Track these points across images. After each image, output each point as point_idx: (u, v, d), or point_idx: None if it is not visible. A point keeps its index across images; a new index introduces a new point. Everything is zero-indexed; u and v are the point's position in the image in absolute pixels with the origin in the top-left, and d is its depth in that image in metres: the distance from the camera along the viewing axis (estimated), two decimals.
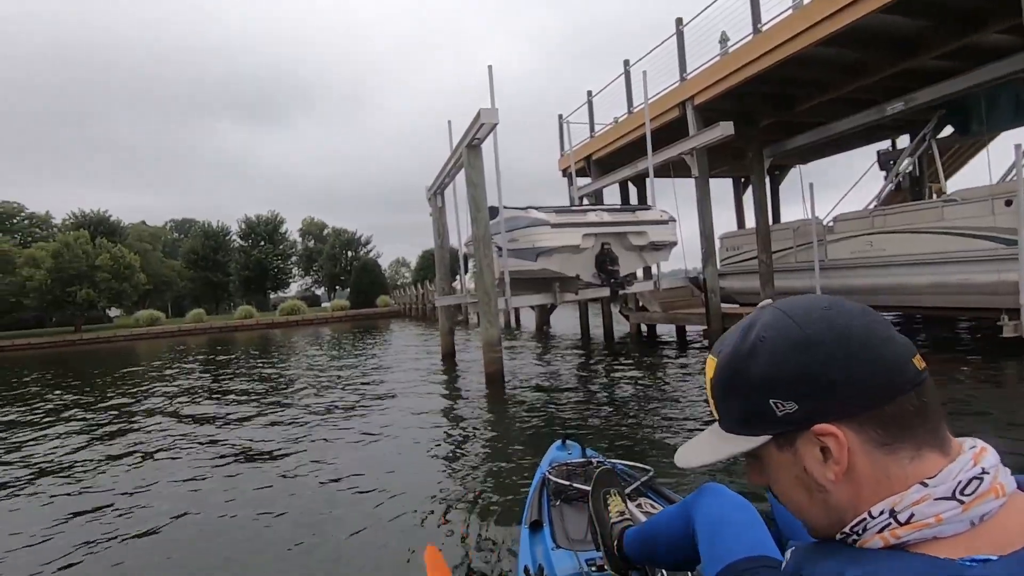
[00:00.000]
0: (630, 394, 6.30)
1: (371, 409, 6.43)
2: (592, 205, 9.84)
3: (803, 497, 0.53)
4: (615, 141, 10.77)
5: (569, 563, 1.57)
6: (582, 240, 7.18)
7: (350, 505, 3.40)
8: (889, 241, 7.63)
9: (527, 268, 7.55)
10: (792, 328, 0.52)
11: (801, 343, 0.51)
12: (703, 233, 8.60)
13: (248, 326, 34.21)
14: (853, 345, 0.49)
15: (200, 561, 2.79)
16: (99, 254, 36.06)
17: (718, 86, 8.06)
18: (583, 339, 12.35)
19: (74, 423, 6.96)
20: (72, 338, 32.08)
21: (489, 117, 6.57)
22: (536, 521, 1.82)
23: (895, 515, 0.47)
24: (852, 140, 11.05)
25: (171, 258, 54.37)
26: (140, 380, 11.63)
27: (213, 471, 4.34)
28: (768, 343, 0.53)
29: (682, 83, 8.72)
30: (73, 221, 47.92)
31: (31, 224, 53.07)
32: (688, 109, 8.54)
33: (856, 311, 0.52)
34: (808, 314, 0.52)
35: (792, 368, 0.51)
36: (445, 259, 10.67)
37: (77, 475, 4.53)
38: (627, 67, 10.33)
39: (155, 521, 3.35)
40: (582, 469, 2.11)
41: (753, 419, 0.54)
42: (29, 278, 34.26)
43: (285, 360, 13.77)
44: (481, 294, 7.31)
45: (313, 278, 60.44)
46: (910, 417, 0.48)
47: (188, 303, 49.58)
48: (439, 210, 10.40)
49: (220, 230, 53.28)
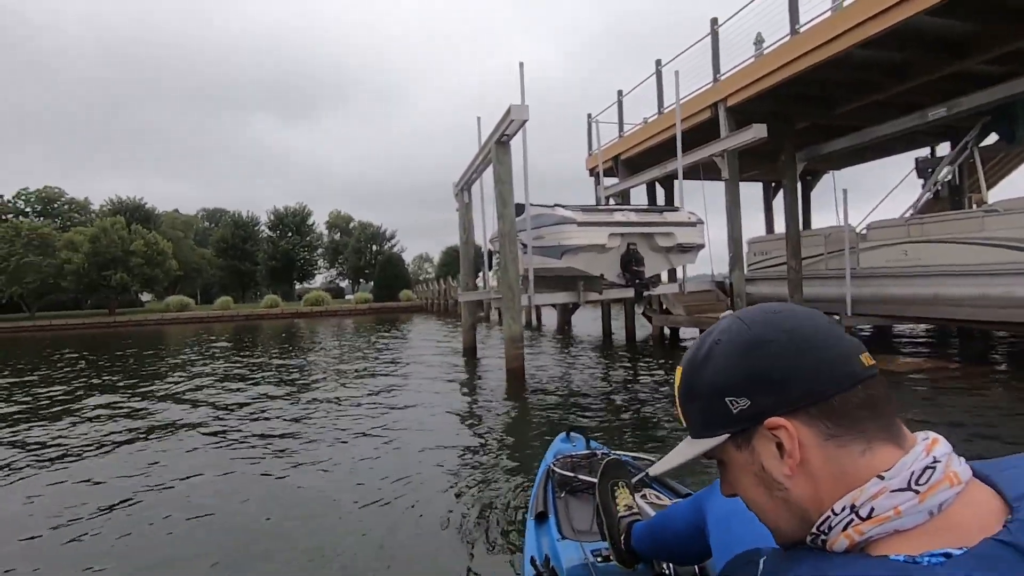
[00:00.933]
0: (649, 394, 6.24)
1: (391, 402, 6.48)
2: (619, 205, 9.75)
3: (765, 498, 0.55)
4: (644, 141, 10.67)
5: (575, 554, 1.57)
6: (608, 239, 7.13)
7: (360, 497, 3.40)
8: (926, 251, 7.41)
9: (552, 266, 7.53)
10: (743, 330, 0.55)
11: (751, 342, 0.54)
12: (731, 237, 8.47)
13: (273, 315, 34.83)
14: (799, 343, 0.52)
15: (190, 550, 2.83)
16: (133, 240, 37.13)
17: (752, 87, 7.92)
18: (604, 340, 12.29)
19: (100, 406, 7.18)
20: (106, 320, 33.10)
21: (519, 114, 6.57)
22: (542, 512, 1.83)
23: (856, 510, 0.48)
24: (890, 146, 10.76)
25: (202, 246, 55.68)
26: (169, 363, 11.95)
27: (226, 460, 4.39)
28: (721, 345, 0.56)
29: (715, 84, 8.59)
30: (110, 208, 49.44)
31: (71, 209, 54.90)
32: (720, 110, 8.41)
33: (804, 313, 0.56)
34: (757, 317, 0.56)
35: (744, 366, 0.54)
36: (470, 255, 10.71)
37: (93, 456, 4.67)
38: (659, 67, 10.22)
39: (173, 505, 3.44)
40: (587, 461, 2.13)
41: (712, 420, 0.57)
42: (67, 261, 35.45)
43: (308, 350, 13.99)
44: (505, 290, 7.32)
45: (338, 270, 61.26)
46: (858, 410, 0.50)
47: (217, 290, 50.76)
48: (465, 206, 10.45)
49: (250, 220, 54.38)
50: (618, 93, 11.67)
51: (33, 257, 34.50)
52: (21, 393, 8.35)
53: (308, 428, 5.26)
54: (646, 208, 8.27)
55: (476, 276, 11.45)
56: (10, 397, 8.01)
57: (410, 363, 10.06)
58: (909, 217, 8.53)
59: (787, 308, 0.57)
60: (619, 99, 11.71)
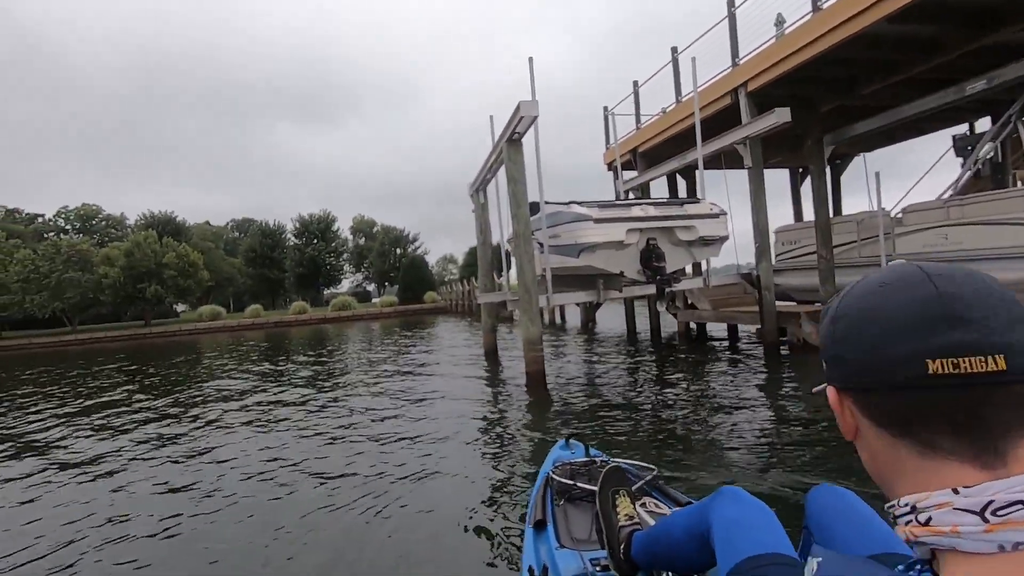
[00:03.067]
0: (672, 396, 6.02)
1: (406, 407, 6.41)
2: (638, 199, 9.48)
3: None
4: (662, 132, 10.36)
5: (573, 563, 1.55)
6: (626, 235, 6.90)
7: (359, 501, 3.39)
8: (967, 233, 6.97)
9: (570, 264, 7.34)
10: (837, 299, 0.55)
11: (831, 315, 0.54)
12: (757, 227, 8.13)
13: (302, 321, 35.40)
14: (860, 328, 0.50)
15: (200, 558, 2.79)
16: (165, 253, 38.18)
17: (774, 70, 7.57)
18: (629, 338, 12.03)
19: (137, 415, 7.29)
20: (142, 331, 34.13)
21: (529, 110, 6.39)
22: (540, 521, 1.82)
23: (916, 512, 0.47)
24: (924, 124, 10.21)
25: (232, 256, 56.96)
26: (203, 372, 12.15)
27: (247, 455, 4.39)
28: (829, 305, 0.56)
29: (734, 69, 8.26)
30: (144, 222, 50.96)
31: (108, 225, 56.89)
32: (740, 96, 8.07)
33: (907, 294, 0.49)
34: (859, 288, 0.53)
35: (823, 335, 0.55)
36: (487, 256, 10.59)
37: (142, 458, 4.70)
38: (675, 54, 9.90)
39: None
40: (586, 468, 2.12)
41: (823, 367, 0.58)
42: (105, 275, 36.67)
43: (332, 356, 14.08)
44: (522, 291, 7.16)
45: (364, 274, 61.99)
46: (911, 413, 0.47)
47: (247, 298, 51.86)
48: (481, 207, 10.33)
49: (276, 229, 55.39)
50: (634, 84, 11.38)
51: (73, 273, 35.76)
52: (81, 403, 8.58)
53: (316, 434, 5.24)
54: (666, 201, 8.00)
55: (495, 277, 11.32)
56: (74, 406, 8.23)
57: (430, 367, 10.00)
58: (948, 198, 8.04)
59: (898, 281, 0.50)
60: (635, 90, 11.41)
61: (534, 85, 6.89)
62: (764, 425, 4.52)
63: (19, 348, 30.96)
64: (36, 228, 52.39)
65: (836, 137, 8.76)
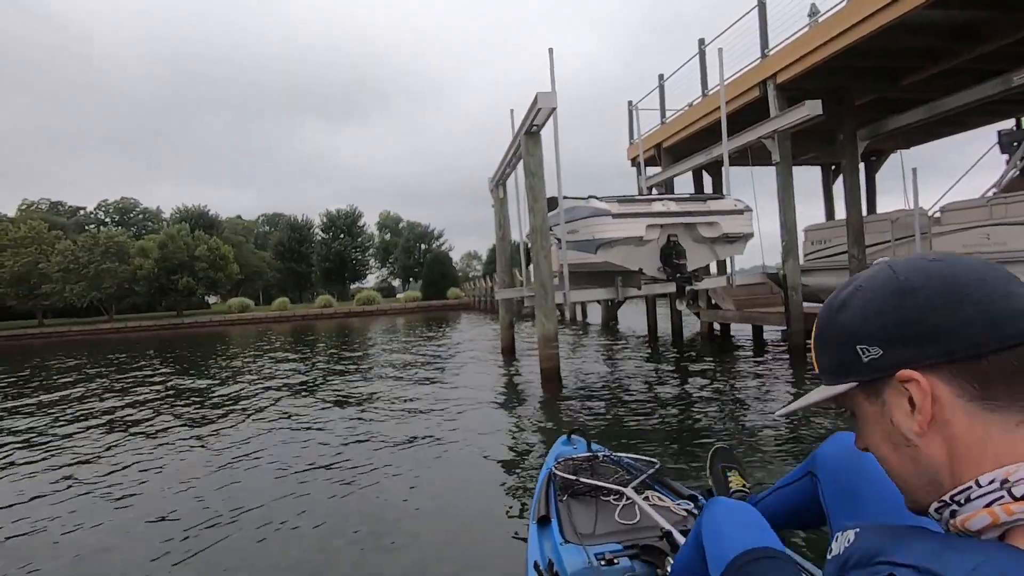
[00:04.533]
0: (687, 398, 5.82)
1: (423, 401, 6.37)
2: (659, 194, 9.24)
3: (894, 454, 0.52)
4: (688, 127, 10.08)
5: (578, 557, 1.55)
6: (646, 231, 6.70)
7: (362, 497, 3.35)
8: (1011, 234, 6.59)
9: (588, 261, 7.19)
10: (889, 278, 0.51)
11: (895, 290, 0.49)
12: (784, 225, 7.82)
13: (328, 315, 35.92)
14: (953, 292, 0.47)
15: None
16: (197, 245, 39.18)
17: (805, 61, 7.25)
18: (650, 337, 11.78)
19: (165, 402, 7.42)
20: (175, 322, 35.09)
21: (546, 101, 6.25)
22: (544, 516, 1.82)
23: (1009, 487, 0.43)
24: (967, 119, 9.69)
25: (262, 249, 58.18)
26: (232, 362, 12.37)
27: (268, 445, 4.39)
28: (863, 291, 0.52)
29: (763, 60, 7.95)
30: (178, 215, 52.44)
31: (144, 218, 58.75)
32: (769, 89, 7.77)
33: (969, 263, 0.49)
34: (910, 264, 0.51)
35: (881, 314, 0.50)
36: (506, 252, 10.48)
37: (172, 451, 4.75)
38: (702, 47, 9.61)
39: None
40: (588, 463, 2.12)
41: (840, 367, 0.54)
42: (140, 267, 37.84)
43: (354, 351, 14.19)
44: (537, 288, 7.03)
45: (389, 270, 62.66)
46: (1018, 376, 0.45)
47: (276, 291, 52.93)
48: (500, 201, 10.22)
49: (304, 224, 56.38)
50: (659, 77, 11.10)
51: (110, 264, 36.98)
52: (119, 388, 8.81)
53: (327, 430, 5.20)
54: (688, 196, 7.75)
55: (516, 273, 11.22)
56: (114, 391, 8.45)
57: (448, 363, 9.96)
58: (992, 196, 7.62)
59: (949, 256, 0.51)
60: (660, 84, 11.13)
61: (554, 76, 6.75)
62: (782, 431, 4.31)
63: (59, 336, 32.14)
64: (78, 220, 54.42)
65: (871, 132, 8.39)
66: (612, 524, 1.72)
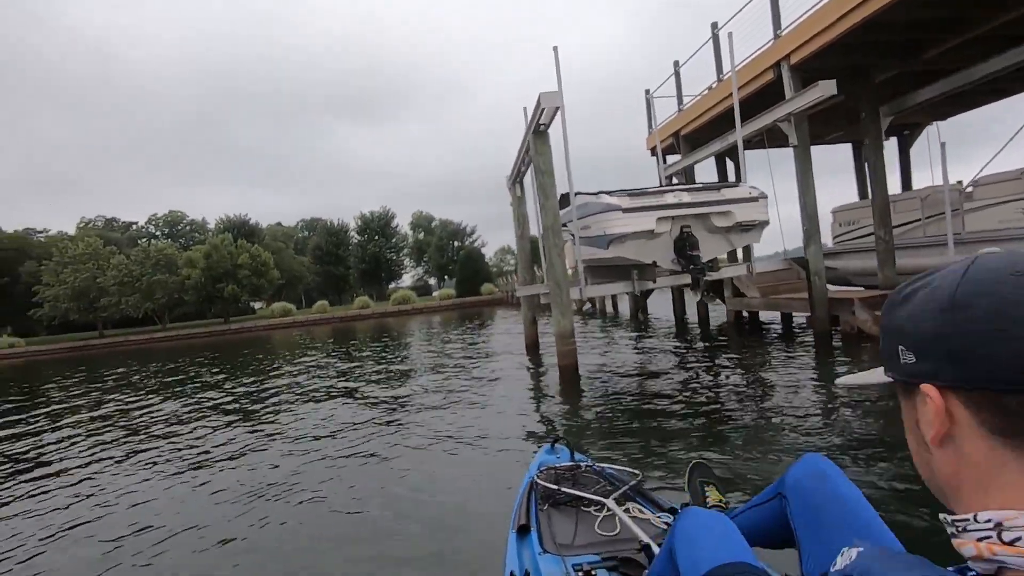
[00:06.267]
0: (707, 388, 5.78)
1: (433, 400, 6.51)
2: (672, 185, 9.11)
3: (916, 449, 0.53)
4: (704, 114, 9.89)
5: (556, 568, 1.54)
6: (657, 224, 6.65)
7: (385, 498, 3.45)
8: None
9: (600, 256, 7.19)
10: (951, 285, 0.47)
11: (946, 302, 0.47)
12: (804, 209, 7.59)
13: (365, 316, 36.80)
14: (1000, 320, 0.43)
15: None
16: (240, 254, 40.73)
17: (819, 39, 7.01)
18: (677, 327, 11.66)
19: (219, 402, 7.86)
20: (222, 328, 36.67)
21: (550, 101, 6.28)
22: (524, 526, 1.80)
23: (1000, 530, 0.43)
24: (1004, 86, 9.16)
25: (301, 254, 59.98)
26: (276, 366, 12.91)
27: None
28: (925, 291, 0.50)
29: (776, 41, 7.73)
30: (222, 225, 54.59)
31: (191, 229, 61.43)
32: (783, 70, 7.56)
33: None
34: (980, 274, 0.46)
35: (923, 322, 0.48)
36: (526, 248, 10.56)
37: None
38: (715, 31, 9.39)
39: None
40: (570, 473, 2.10)
41: (887, 358, 0.54)
42: (188, 277, 39.66)
43: (387, 352, 14.54)
44: (552, 285, 7.09)
45: (424, 268, 63.57)
46: None
47: (315, 295, 54.51)
48: (518, 199, 10.29)
49: (340, 228, 57.77)
50: (674, 64, 10.91)
51: (160, 276, 38.92)
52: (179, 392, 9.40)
53: (331, 428, 5.40)
54: (702, 186, 7.62)
55: (536, 270, 11.28)
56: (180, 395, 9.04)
57: (471, 360, 10.12)
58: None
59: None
60: (676, 71, 10.94)
61: (560, 74, 6.77)
62: (799, 419, 4.25)
63: (117, 345, 34.07)
64: (130, 235, 57.36)
65: (895, 107, 8.04)
66: (592, 535, 1.71)
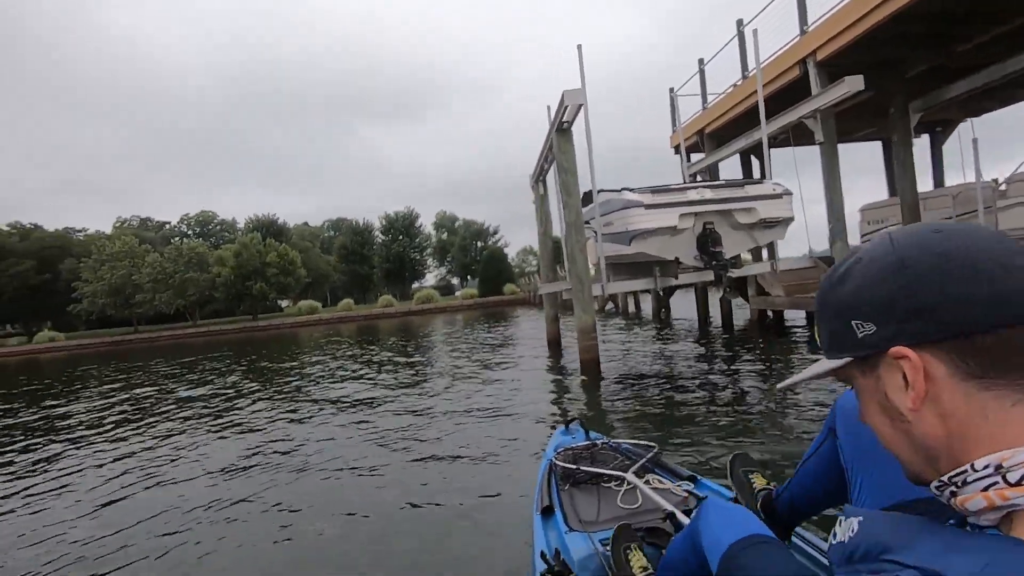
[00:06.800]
0: (723, 386, 5.79)
1: (465, 394, 6.64)
2: (696, 182, 9.10)
3: (889, 429, 0.51)
4: (729, 111, 9.85)
5: (584, 545, 1.57)
6: (679, 220, 6.67)
7: (398, 485, 3.58)
8: None
9: (623, 252, 7.24)
10: (887, 251, 0.49)
11: (891, 264, 0.47)
12: (830, 207, 7.55)
13: (389, 314, 37.29)
14: (949, 268, 0.45)
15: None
16: (268, 252, 41.67)
17: (846, 34, 6.96)
18: (700, 326, 11.60)
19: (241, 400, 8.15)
20: (251, 325, 37.57)
21: (573, 99, 6.37)
22: (547, 507, 1.83)
23: (1003, 472, 0.42)
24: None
25: (327, 253, 61.01)
26: (302, 362, 13.26)
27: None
28: (861, 265, 0.51)
29: (802, 37, 7.68)
30: (251, 225, 55.88)
31: (222, 229, 62.98)
32: (810, 66, 7.51)
33: (972, 235, 0.46)
34: (911, 237, 0.48)
35: (876, 289, 0.48)
36: (548, 246, 10.65)
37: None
38: (740, 27, 9.36)
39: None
40: (587, 452, 2.14)
41: (837, 341, 0.53)
42: (218, 275, 40.74)
43: (408, 350, 14.75)
44: (574, 281, 7.17)
45: (447, 268, 64.07)
46: (1014, 356, 0.43)
47: (341, 293, 55.39)
48: (541, 198, 10.39)
49: (365, 227, 58.58)
50: (699, 62, 10.88)
51: (192, 273, 40.06)
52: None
53: (353, 424, 5.56)
54: (725, 183, 7.61)
55: (557, 269, 11.35)
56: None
57: (494, 356, 10.23)
58: None
59: (955, 228, 0.48)
60: (700, 68, 10.91)
61: (583, 72, 6.84)
62: (812, 421, 4.26)
63: (150, 340, 35.18)
64: (164, 234, 59.10)
65: (926, 103, 7.90)
66: (615, 509, 1.74)
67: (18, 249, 43.25)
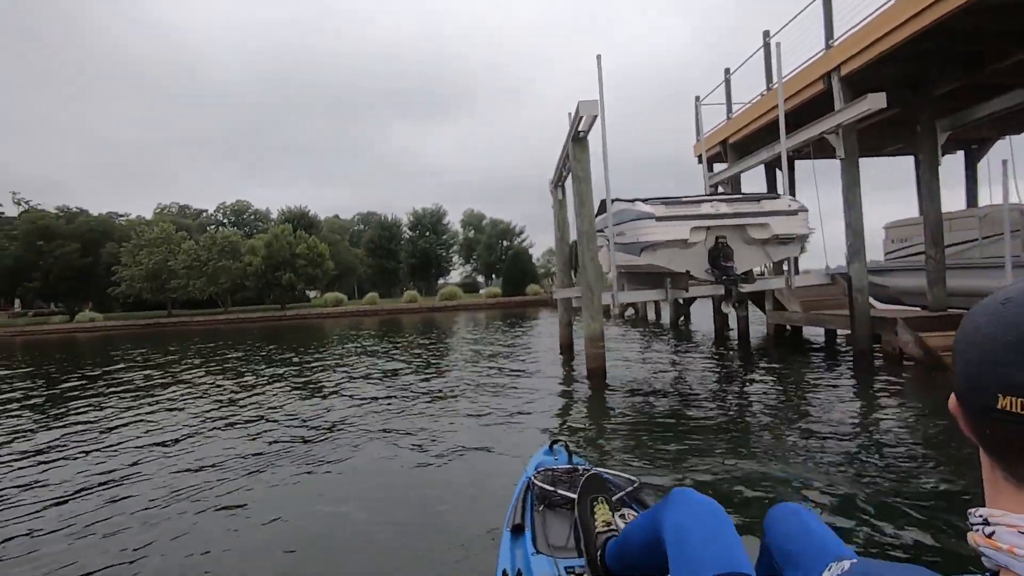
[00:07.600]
0: (730, 402, 5.77)
1: (465, 394, 6.76)
2: (712, 195, 9.03)
3: None
4: (752, 122, 9.74)
5: (548, 570, 1.56)
6: (691, 234, 6.66)
7: (383, 494, 3.68)
8: None
9: (634, 263, 7.26)
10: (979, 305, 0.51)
11: (967, 318, 0.51)
12: (850, 225, 7.41)
13: (412, 309, 37.78)
14: (969, 348, 0.49)
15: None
16: (298, 244, 42.63)
17: (872, 50, 6.83)
18: (717, 337, 11.50)
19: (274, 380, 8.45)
20: (278, 314, 38.54)
21: (588, 109, 6.43)
22: (518, 525, 1.82)
23: (985, 524, 0.48)
24: None
25: (356, 247, 62.02)
26: (327, 353, 13.61)
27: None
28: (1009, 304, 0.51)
29: (827, 51, 7.56)
30: (283, 216, 57.21)
31: (256, 219, 64.64)
32: (834, 81, 7.39)
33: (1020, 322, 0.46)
34: (985, 300, 0.51)
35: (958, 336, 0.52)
36: (565, 252, 10.69)
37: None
38: (766, 39, 9.25)
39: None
40: (567, 475, 2.09)
41: None
42: (249, 264, 41.87)
43: (428, 346, 14.96)
44: (584, 288, 7.24)
45: (472, 266, 64.41)
46: (993, 440, 0.47)
47: (367, 286, 56.25)
48: (559, 202, 10.45)
49: (393, 223, 59.35)
50: (725, 72, 10.78)
51: (225, 261, 41.27)
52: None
53: (344, 426, 5.71)
54: (741, 196, 7.55)
55: (572, 274, 11.37)
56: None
57: (507, 360, 10.33)
58: None
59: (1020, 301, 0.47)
60: (726, 78, 10.80)
61: (602, 83, 6.90)
62: (825, 443, 4.18)
63: (182, 324, 36.42)
64: (200, 222, 60.97)
65: (954, 121, 7.68)
66: None
67: (64, 232, 45.21)
